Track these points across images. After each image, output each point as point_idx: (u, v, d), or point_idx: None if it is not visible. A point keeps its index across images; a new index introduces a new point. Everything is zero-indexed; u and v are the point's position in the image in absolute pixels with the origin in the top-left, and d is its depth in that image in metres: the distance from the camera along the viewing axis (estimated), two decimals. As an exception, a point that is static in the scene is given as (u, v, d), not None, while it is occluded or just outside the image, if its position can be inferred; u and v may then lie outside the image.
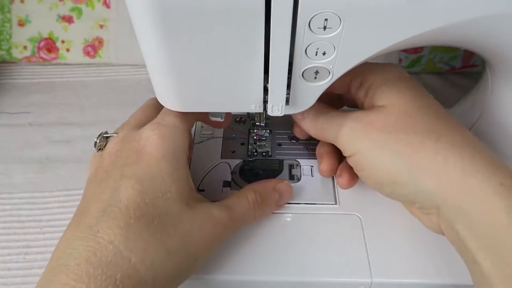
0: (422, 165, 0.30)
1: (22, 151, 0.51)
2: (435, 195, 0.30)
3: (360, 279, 0.35)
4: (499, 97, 0.38)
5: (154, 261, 0.28)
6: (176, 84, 0.31)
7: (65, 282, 0.25)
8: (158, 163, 0.31)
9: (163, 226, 0.29)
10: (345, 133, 0.33)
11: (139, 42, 0.29)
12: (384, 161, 0.31)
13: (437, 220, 0.32)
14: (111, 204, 0.29)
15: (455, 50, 0.57)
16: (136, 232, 0.28)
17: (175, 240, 0.29)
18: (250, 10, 0.25)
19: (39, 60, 0.60)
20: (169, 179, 0.31)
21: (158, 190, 0.30)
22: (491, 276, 0.27)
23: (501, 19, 0.28)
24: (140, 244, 0.27)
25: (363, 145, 0.32)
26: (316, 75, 0.30)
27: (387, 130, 0.32)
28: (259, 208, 0.36)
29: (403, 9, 0.26)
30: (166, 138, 0.32)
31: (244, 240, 0.37)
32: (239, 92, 0.31)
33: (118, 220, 0.28)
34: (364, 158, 0.32)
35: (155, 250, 0.28)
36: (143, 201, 0.29)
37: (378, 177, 0.32)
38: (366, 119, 0.33)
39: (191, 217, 0.31)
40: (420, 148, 0.30)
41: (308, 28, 0.26)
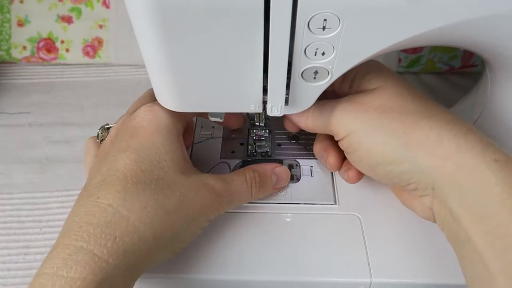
0: (417, 142, 0.30)
1: (21, 151, 0.51)
2: (431, 171, 0.30)
3: (360, 279, 0.35)
4: (498, 97, 0.38)
5: (153, 220, 0.29)
6: (175, 84, 0.31)
7: (67, 243, 0.27)
8: (152, 136, 0.33)
9: (160, 189, 0.31)
10: (338, 115, 0.33)
11: (139, 43, 0.29)
12: (379, 140, 0.31)
13: (429, 203, 0.32)
14: (109, 174, 0.31)
15: (455, 50, 0.57)
16: (133, 194, 0.29)
17: (172, 201, 0.31)
18: (249, 10, 0.25)
19: (39, 60, 0.60)
20: (163, 150, 0.32)
21: (153, 159, 0.31)
22: (484, 252, 0.27)
23: (500, 19, 0.28)
24: (138, 204, 0.29)
25: (356, 125, 0.32)
26: (315, 75, 0.30)
27: (381, 110, 0.32)
28: (256, 188, 0.37)
29: (402, 9, 0.26)
30: (159, 114, 0.34)
31: (244, 240, 0.37)
32: (239, 92, 0.31)
33: (116, 186, 0.30)
34: (358, 138, 0.32)
35: (153, 209, 0.30)
36: (139, 168, 0.31)
37: (373, 157, 0.32)
38: (359, 100, 0.33)
39: (186, 183, 0.32)
40: (414, 126, 0.31)
41: (307, 28, 0.26)
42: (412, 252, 0.36)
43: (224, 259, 0.36)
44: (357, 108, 0.33)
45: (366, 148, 0.32)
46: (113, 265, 0.27)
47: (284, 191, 0.41)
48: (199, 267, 0.35)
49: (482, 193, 0.28)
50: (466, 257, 0.29)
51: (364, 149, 0.32)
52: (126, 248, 0.28)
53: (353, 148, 0.33)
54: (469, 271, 0.29)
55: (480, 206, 0.28)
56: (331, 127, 0.34)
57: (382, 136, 0.31)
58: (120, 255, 0.28)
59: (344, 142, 0.34)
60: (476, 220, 0.28)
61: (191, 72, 0.30)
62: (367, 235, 0.37)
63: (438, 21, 0.27)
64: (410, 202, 0.34)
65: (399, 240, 0.37)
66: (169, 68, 0.30)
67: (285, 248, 0.37)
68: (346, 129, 0.33)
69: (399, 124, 0.31)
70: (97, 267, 0.27)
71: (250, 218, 0.39)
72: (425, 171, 0.30)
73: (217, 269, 0.35)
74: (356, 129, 0.32)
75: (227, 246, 0.37)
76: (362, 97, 0.33)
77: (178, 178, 0.32)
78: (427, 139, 0.30)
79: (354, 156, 0.34)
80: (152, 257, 0.31)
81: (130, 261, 0.28)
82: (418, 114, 0.31)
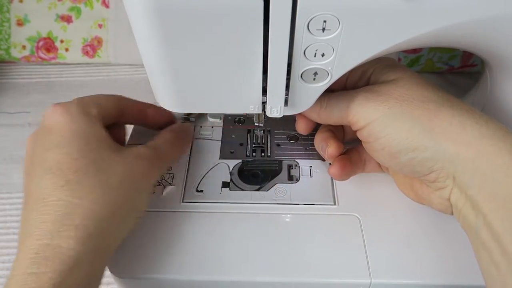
0: (441, 129, 0.31)
1: (21, 151, 0.50)
2: (454, 157, 0.30)
3: (359, 279, 0.35)
4: (498, 97, 0.38)
5: (104, 198, 0.31)
6: (175, 85, 0.31)
7: (30, 245, 0.28)
8: (69, 126, 0.33)
9: (99, 169, 0.32)
10: (359, 103, 0.33)
11: (138, 44, 0.29)
12: (404, 126, 0.31)
13: (448, 194, 0.32)
14: (45, 174, 0.31)
15: (454, 50, 0.57)
16: (78, 182, 0.30)
17: (114, 176, 0.32)
18: (249, 11, 0.25)
19: (38, 59, 0.60)
20: (85, 135, 0.33)
21: (80, 146, 0.32)
22: (503, 236, 0.28)
23: (499, 20, 0.28)
24: (85, 189, 0.30)
25: (378, 114, 0.32)
26: (315, 77, 0.30)
27: (402, 99, 0.32)
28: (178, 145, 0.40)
29: (401, 11, 0.26)
30: (67, 106, 0.34)
31: (243, 240, 0.37)
32: (238, 93, 0.31)
33: (57, 182, 0.30)
34: (381, 125, 0.32)
35: (101, 189, 0.31)
36: (72, 158, 0.31)
37: (396, 144, 0.32)
38: (379, 90, 0.33)
39: (121, 158, 0.33)
40: (437, 113, 0.31)
41: (306, 30, 0.26)
42: (412, 253, 0.36)
43: (222, 259, 0.36)
44: (378, 98, 0.32)
45: (389, 136, 0.32)
46: (81, 251, 0.29)
47: (284, 192, 0.41)
48: (198, 268, 0.35)
49: (502, 177, 0.29)
50: (483, 243, 0.30)
51: (387, 137, 0.32)
52: (90, 231, 0.29)
53: (375, 137, 0.33)
54: (485, 257, 0.30)
55: (501, 191, 0.29)
56: (349, 116, 0.34)
57: (406, 122, 0.31)
58: (86, 239, 0.29)
59: (364, 131, 0.34)
60: (495, 205, 0.29)
61: (190, 73, 0.30)
62: (367, 236, 0.37)
63: (437, 22, 0.27)
64: (428, 196, 0.34)
65: (399, 241, 0.37)
66: (168, 69, 0.30)
67: (284, 249, 0.37)
68: (367, 117, 0.33)
69: (422, 111, 0.31)
70: (66, 257, 0.28)
71: (249, 219, 0.38)
72: (449, 157, 0.30)
73: (215, 270, 0.35)
74: (378, 117, 0.32)
75: (226, 247, 0.37)
76: (382, 87, 0.33)
77: (110, 156, 0.33)
78: (451, 126, 0.30)
79: (376, 145, 0.33)
80: (117, 233, 0.32)
81: (97, 243, 0.30)
82: (439, 102, 0.32)
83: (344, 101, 0.34)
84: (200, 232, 0.37)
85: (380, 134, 0.32)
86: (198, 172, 0.42)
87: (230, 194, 0.40)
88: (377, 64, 0.35)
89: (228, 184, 0.41)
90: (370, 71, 0.36)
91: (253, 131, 0.46)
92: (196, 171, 0.42)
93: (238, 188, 0.41)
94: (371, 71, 0.36)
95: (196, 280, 0.35)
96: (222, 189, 0.41)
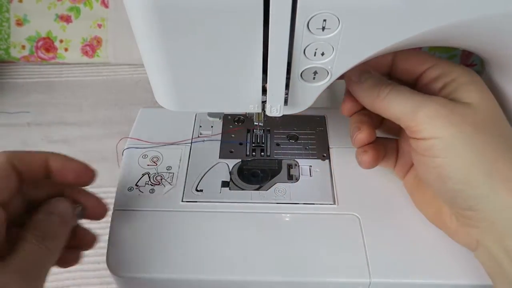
0: (502, 173, 0.29)
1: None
2: (504, 206, 0.29)
3: (359, 279, 0.35)
4: (498, 97, 0.38)
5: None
6: (174, 84, 0.31)
7: None
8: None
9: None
10: (428, 114, 0.31)
11: (137, 43, 0.29)
12: (467, 157, 0.30)
13: (477, 235, 0.31)
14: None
15: (454, 49, 0.57)
16: None
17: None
18: (249, 10, 0.25)
19: (38, 59, 0.60)
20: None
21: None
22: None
23: (498, 19, 0.28)
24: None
25: (449, 133, 0.30)
26: (314, 76, 0.30)
27: (475, 127, 0.30)
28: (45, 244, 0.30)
29: (401, 10, 0.26)
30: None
31: (242, 240, 0.37)
32: (238, 92, 0.31)
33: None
34: (445, 145, 0.30)
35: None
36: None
37: (452, 170, 0.30)
38: (454, 109, 0.31)
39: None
40: (503, 156, 0.30)
41: (306, 29, 0.26)
42: (411, 252, 0.36)
43: (222, 259, 0.36)
44: (451, 116, 0.30)
45: (449, 159, 0.30)
46: None
47: (283, 191, 0.41)
48: (197, 267, 0.35)
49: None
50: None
51: (446, 159, 0.31)
52: None
53: (433, 154, 0.31)
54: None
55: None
56: (412, 122, 0.32)
57: (473, 153, 0.30)
58: None
59: (423, 144, 0.32)
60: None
61: (190, 72, 0.30)
62: (366, 235, 0.37)
63: (437, 21, 0.27)
64: (455, 228, 0.34)
65: (398, 240, 0.37)
66: (167, 68, 0.30)
67: (283, 248, 0.36)
68: (433, 132, 0.31)
69: (491, 150, 0.30)
70: None
71: (248, 218, 0.38)
72: (498, 204, 0.29)
73: (215, 269, 0.35)
74: (445, 136, 0.30)
75: (226, 246, 0.37)
76: (458, 107, 0.31)
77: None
78: (511, 173, 0.29)
79: (429, 161, 0.32)
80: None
81: None
82: (508, 143, 0.30)
83: (410, 103, 0.32)
84: (199, 232, 0.37)
85: (439, 154, 0.31)
86: (198, 172, 0.42)
87: (229, 194, 0.40)
88: (461, 74, 0.33)
89: (228, 183, 0.41)
90: (451, 77, 0.33)
91: (253, 130, 0.46)
92: (195, 170, 0.42)
93: (238, 187, 0.41)
94: (452, 78, 0.33)
95: (196, 280, 0.35)
96: (221, 188, 0.41)
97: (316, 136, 0.46)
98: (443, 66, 0.34)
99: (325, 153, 0.44)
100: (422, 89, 0.34)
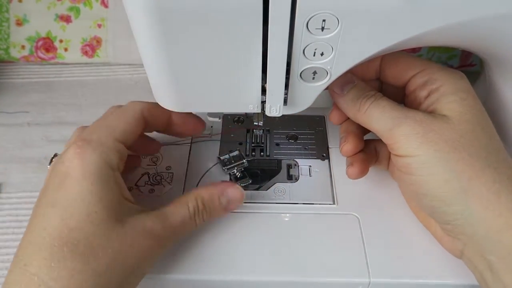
0: (478, 191, 0.29)
1: (20, 151, 0.50)
2: (480, 223, 0.29)
3: (358, 279, 0.35)
4: (497, 96, 0.38)
5: (82, 285, 0.28)
6: (174, 84, 0.31)
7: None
8: (80, 185, 0.30)
9: (90, 249, 0.29)
10: (404, 132, 0.31)
11: (137, 43, 0.29)
12: (442, 176, 0.30)
13: (461, 246, 0.32)
14: (37, 234, 0.29)
15: (453, 49, 0.57)
16: (60, 260, 0.28)
17: (103, 261, 0.29)
18: (248, 10, 0.25)
19: (37, 59, 0.60)
20: (93, 199, 0.30)
21: (81, 213, 0.29)
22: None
23: (498, 19, 0.28)
24: (64, 272, 0.28)
25: (424, 151, 0.30)
26: (314, 76, 0.30)
27: (452, 145, 0.30)
28: (200, 217, 0.35)
29: (400, 10, 0.26)
30: (86, 157, 0.31)
31: (242, 240, 0.37)
32: (237, 92, 0.31)
33: (43, 251, 0.28)
34: (420, 164, 0.31)
35: (82, 275, 0.28)
36: (67, 227, 0.29)
37: (426, 188, 0.31)
38: (431, 126, 0.31)
39: (121, 234, 0.30)
40: (480, 174, 0.30)
41: (306, 29, 0.26)
42: (411, 252, 0.36)
43: (222, 259, 0.36)
44: (427, 135, 0.30)
45: (424, 178, 0.31)
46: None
47: (283, 191, 0.41)
48: (197, 268, 0.35)
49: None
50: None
51: (421, 178, 0.31)
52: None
53: (408, 171, 0.31)
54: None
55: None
56: (390, 139, 0.32)
57: (447, 173, 0.30)
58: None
59: (400, 160, 0.32)
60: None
61: (190, 72, 0.30)
62: (366, 235, 0.37)
63: (436, 21, 0.27)
64: (441, 237, 0.34)
65: (398, 240, 0.37)
66: (167, 68, 0.30)
67: (283, 248, 0.37)
68: (409, 150, 0.31)
69: (467, 167, 0.30)
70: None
71: (248, 218, 0.39)
72: (474, 221, 0.30)
73: (214, 269, 0.35)
74: (420, 155, 0.30)
75: (225, 246, 0.37)
76: (435, 123, 0.31)
77: (111, 230, 0.30)
78: (487, 192, 0.29)
79: (405, 178, 0.32)
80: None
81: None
82: (486, 161, 0.30)
83: (388, 120, 0.32)
84: (198, 232, 0.37)
85: (415, 171, 0.31)
86: (197, 172, 0.42)
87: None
88: (447, 82, 0.32)
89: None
90: (436, 85, 0.33)
91: (253, 130, 0.46)
92: (195, 170, 0.42)
93: (237, 187, 0.41)
94: (437, 86, 0.33)
95: (195, 279, 0.35)
96: (221, 188, 0.41)
97: (316, 136, 0.46)
98: (430, 73, 0.33)
99: (325, 153, 0.44)
100: (410, 95, 0.35)
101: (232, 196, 0.36)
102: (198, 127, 0.40)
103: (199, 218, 0.34)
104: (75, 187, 0.30)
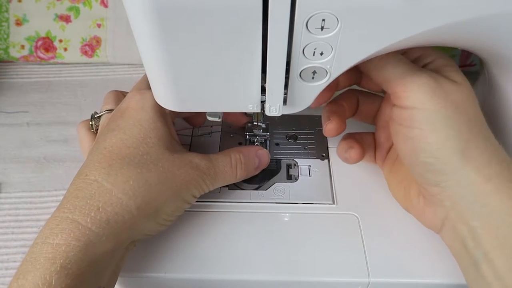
0: (472, 154, 0.30)
1: (19, 151, 0.50)
2: (470, 185, 0.30)
3: (358, 279, 0.35)
4: (496, 96, 0.38)
5: (135, 192, 0.31)
6: (174, 84, 0.31)
7: (56, 215, 0.30)
8: (138, 113, 0.35)
9: (144, 163, 0.33)
10: (418, 82, 0.31)
11: (137, 42, 0.29)
12: (444, 133, 0.30)
13: (443, 214, 0.32)
14: (97, 152, 0.33)
15: (453, 49, 0.57)
16: (117, 169, 0.32)
17: (155, 174, 0.33)
18: (248, 10, 0.25)
19: (37, 59, 0.60)
20: (148, 127, 0.34)
21: (138, 136, 0.34)
22: (506, 276, 0.28)
23: (498, 19, 0.28)
24: (121, 178, 0.31)
25: (432, 106, 0.30)
26: (313, 75, 0.30)
27: (457, 105, 0.31)
28: (241, 169, 0.38)
29: (400, 9, 0.26)
30: (145, 95, 0.36)
31: (242, 239, 0.37)
32: (237, 92, 0.31)
33: (102, 163, 0.32)
34: (425, 118, 0.31)
35: (136, 182, 0.32)
36: (125, 145, 0.33)
37: (426, 143, 0.31)
38: (442, 83, 0.31)
39: (170, 158, 0.34)
40: (476, 139, 0.31)
41: (305, 29, 0.26)
42: (410, 252, 0.36)
43: (221, 258, 0.36)
44: (439, 91, 0.31)
45: (425, 132, 0.31)
46: (96, 232, 0.30)
47: (283, 191, 0.41)
48: (197, 267, 0.35)
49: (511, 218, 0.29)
50: (483, 277, 0.30)
51: (422, 131, 0.31)
52: (109, 217, 0.30)
53: (410, 124, 0.31)
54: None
55: (507, 231, 0.29)
56: (401, 87, 0.32)
57: (447, 131, 0.30)
58: (103, 223, 0.30)
59: (403, 112, 0.32)
60: (500, 243, 0.29)
61: (189, 72, 0.30)
62: (365, 235, 0.37)
63: (436, 21, 0.27)
64: (422, 208, 0.34)
65: (397, 240, 0.37)
66: (167, 68, 0.30)
67: (283, 248, 0.37)
68: (417, 102, 0.31)
69: (466, 129, 0.31)
70: (81, 234, 0.29)
71: (248, 218, 0.39)
72: (465, 182, 0.30)
73: (214, 269, 0.35)
74: (427, 109, 0.31)
75: (225, 246, 0.37)
76: (446, 83, 0.31)
77: (162, 153, 0.34)
78: (480, 156, 0.30)
79: (406, 131, 0.32)
80: (137, 227, 0.32)
81: (113, 230, 0.30)
82: (481, 130, 0.31)
83: (405, 66, 0.32)
84: (199, 231, 0.37)
85: (418, 125, 0.31)
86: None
87: (229, 193, 0.40)
88: (440, 58, 0.34)
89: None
90: (428, 60, 0.34)
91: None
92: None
93: (237, 187, 0.41)
94: (429, 60, 0.34)
95: (195, 279, 0.35)
96: (221, 188, 0.41)
97: (315, 136, 0.46)
98: (422, 49, 0.34)
99: (324, 153, 0.44)
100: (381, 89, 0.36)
101: (262, 157, 0.41)
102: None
103: (240, 171, 0.38)
104: (134, 116, 0.35)
